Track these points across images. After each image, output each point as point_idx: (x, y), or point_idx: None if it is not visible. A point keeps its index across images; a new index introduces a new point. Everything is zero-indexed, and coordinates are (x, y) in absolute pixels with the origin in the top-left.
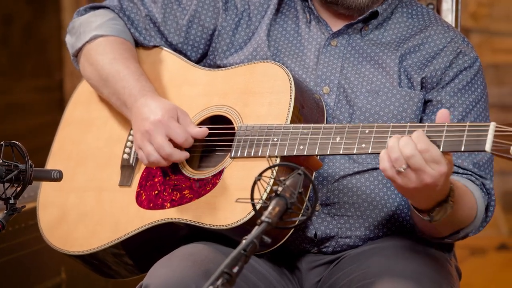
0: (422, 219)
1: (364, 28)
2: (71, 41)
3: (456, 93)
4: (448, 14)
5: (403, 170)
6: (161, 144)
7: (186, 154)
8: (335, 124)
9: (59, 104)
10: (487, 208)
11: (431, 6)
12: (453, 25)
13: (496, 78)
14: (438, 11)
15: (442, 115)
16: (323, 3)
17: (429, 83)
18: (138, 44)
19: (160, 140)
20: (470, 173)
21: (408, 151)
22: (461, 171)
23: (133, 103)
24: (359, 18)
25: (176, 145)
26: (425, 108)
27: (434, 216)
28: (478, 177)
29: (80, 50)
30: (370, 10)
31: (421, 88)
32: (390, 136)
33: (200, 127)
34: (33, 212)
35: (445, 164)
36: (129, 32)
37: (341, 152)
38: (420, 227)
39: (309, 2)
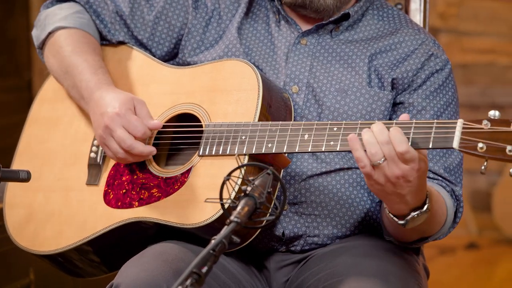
0: (397, 222)
1: (335, 29)
2: (36, 34)
3: (428, 96)
4: (416, 14)
5: (380, 163)
6: (121, 137)
7: (151, 149)
8: (303, 122)
9: (28, 104)
10: (455, 214)
11: (399, 6)
12: (422, 25)
13: (465, 78)
14: (406, 11)
15: (403, 118)
16: (292, 7)
17: (400, 84)
18: (103, 39)
19: (119, 133)
20: (440, 178)
21: (383, 138)
22: (431, 175)
23: (90, 96)
24: (330, 19)
25: (137, 138)
26: (397, 110)
27: (409, 221)
28: (448, 183)
29: (44, 42)
30: (342, 12)
31: (392, 89)
32: (358, 133)
33: (156, 121)
34: None
35: (417, 159)
36: (94, 26)
37: (309, 150)
38: (390, 231)
39: (276, 3)
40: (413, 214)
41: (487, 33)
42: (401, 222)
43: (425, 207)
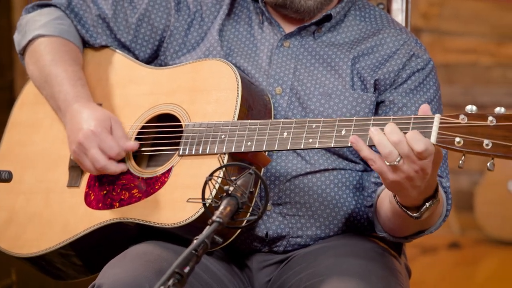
0: (409, 215)
1: (317, 30)
2: (18, 39)
3: (408, 93)
4: (398, 14)
5: (396, 163)
6: (95, 157)
7: (122, 167)
8: (282, 120)
9: (10, 105)
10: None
11: (381, 6)
12: (404, 25)
13: (447, 77)
14: (389, 10)
15: (423, 109)
16: (273, 7)
17: (382, 85)
18: (85, 43)
19: (93, 153)
20: None
21: (395, 138)
22: None
23: (67, 109)
24: (312, 20)
25: (110, 158)
26: (378, 109)
27: (424, 212)
28: (437, 177)
29: (25, 48)
30: (324, 13)
31: (374, 90)
32: (366, 133)
33: (131, 141)
34: None
35: (433, 152)
36: (75, 31)
37: (288, 148)
38: (391, 225)
39: (260, 3)
40: (427, 204)
41: (469, 33)
42: (415, 214)
43: (437, 195)
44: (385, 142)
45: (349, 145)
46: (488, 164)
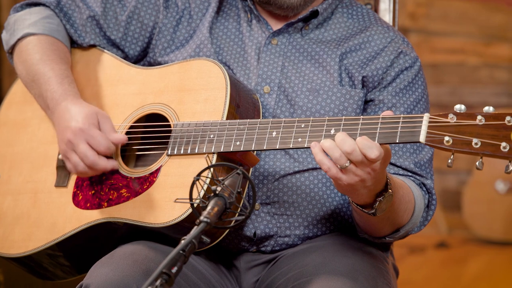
0: (367, 214)
1: (305, 27)
2: (6, 38)
3: (397, 93)
4: (385, 14)
5: (347, 165)
6: (84, 153)
7: (113, 164)
8: (271, 119)
9: None
10: (428, 207)
11: (369, 6)
12: (391, 25)
13: (434, 77)
14: (376, 10)
15: (385, 115)
16: (258, 3)
17: (370, 82)
18: (73, 42)
19: (82, 149)
20: (410, 173)
21: (348, 148)
22: (401, 171)
23: (55, 107)
24: (299, 17)
25: (100, 153)
26: (367, 108)
27: (378, 208)
28: (418, 176)
29: (13, 47)
30: (311, 10)
31: (362, 87)
32: (324, 133)
33: (120, 134)
34: None
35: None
36: (64, 30)
37: (277, 147)
38: (362, 226)
39: (249, 2)
40: (379, 198)
41: (457, 33)
42: (371, 211)
43: (388, 188)
44: (334, 147)
45: None
46: (477, 163)
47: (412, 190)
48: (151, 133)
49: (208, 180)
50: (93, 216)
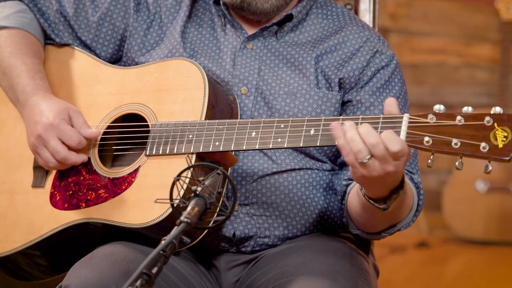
0: (376, 208)
1: (279, 30)
2: None
3: (374, 92)
4: (366, 14)
5: (366, 161)
6: (55, 149)
7: (83, 158)
8: (250, 119)
9: None
10: (417, 203)
11: (349, 6)
12: (371, 26)
13: (415, 77)
14: (356, 11)
15: (390, 102)
16: (232, 8)
17: (347, 83)
18: (48, 37)
19: (53, 144)
20: None
21: (372, 140)
22: None
23: (25, 101)
24: (273, 21)
25: (71, 148)
26: (346, 109)
27: (389, 203)
28: (406, 171)
29: None
30: (285, 14)
31: (339, 89)
32: (341, 123)
33: (93, 129)
34: None
35: (408, 152)
36: (38, 25)
37: (257, 147)
38: (362, 221)
39: (222, 7)
40: (394, 195)
41: (437, 33)
42: (382, 206)
43: (403, 185)
44: (357, 139)
45: (318, 144)
46: (457, 163)
47: (410, 185)
48: (129, 133)
49: (188, 180)
50: (71, 217)
